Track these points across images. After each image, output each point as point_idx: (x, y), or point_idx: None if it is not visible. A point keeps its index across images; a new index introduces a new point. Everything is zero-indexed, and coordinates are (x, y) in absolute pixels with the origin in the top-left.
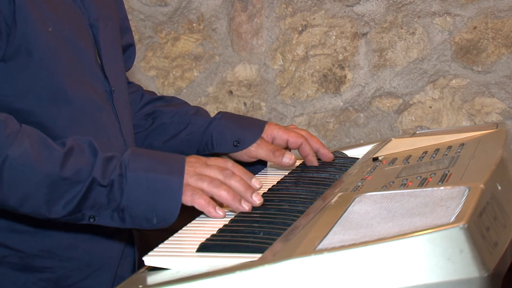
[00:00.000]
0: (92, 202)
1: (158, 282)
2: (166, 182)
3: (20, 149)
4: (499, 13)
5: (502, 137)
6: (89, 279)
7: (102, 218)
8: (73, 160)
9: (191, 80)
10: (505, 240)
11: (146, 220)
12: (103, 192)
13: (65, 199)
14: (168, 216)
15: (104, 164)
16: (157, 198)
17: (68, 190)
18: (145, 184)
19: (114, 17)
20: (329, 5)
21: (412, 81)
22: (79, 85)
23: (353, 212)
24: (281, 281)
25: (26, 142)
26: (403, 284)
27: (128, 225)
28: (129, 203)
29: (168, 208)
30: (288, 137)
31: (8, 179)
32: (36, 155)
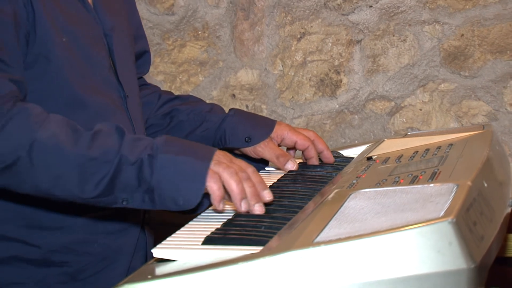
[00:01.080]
0: (124, 183)
1: (165, 272)
2: (193, 165)
3: (48, 133)
4: (485, 22)
5: (488, 138)
6: (104, 272)
7: (135, 201)
8: (100, 141)
9: (196, 84)
10: (491, 234)
11: (173, 201)
12: (133, 173)
13: (95, 179)
14: (193, 198)
15: (131, 144)
16: (184, 179)
17: (97, 170)
18: (173, 166)
19: (126, 26)
20: (325, 14)
21: (403, 85)
22: (94, 91)
23: (348, 208)
24: (281, 272)
25: (54, 126)
26: (396, 275)
27: (158, 206)
28: (158, 184)
29: (193, 190)
30: (297, 139)
31: (38, 162)
32: (64, 138)
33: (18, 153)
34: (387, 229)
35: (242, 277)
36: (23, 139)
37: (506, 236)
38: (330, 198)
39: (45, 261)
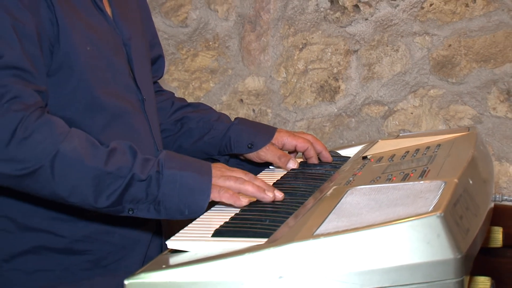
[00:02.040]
0: (132, 196)
1: (178, 262)
2: (197, 180)
3: (70, 146)
4: (471, 33)
5: (473, 139)
6: (123, 260)
7: (140, 211)
8: (115, 158)
9: (207, 90)
10: (475, 227)
11: (179, 212)
12: (142, 187)
13: (108, 191)
14: (198, 209)
15: (143, 163)
16: (190, 193)
17: (111, 183)
18: (179, 181)
19: (142, 35)
20: (325, 26)
21: (396, 91)
22: (114, 96)
23: (345, 203)
24: (284, 262)
25: (76, 140)
26: (389, 264)
27: (163, 216)
28: (164, 197)
29: (198, 202)
30: (296, 143)
31: (59, 172)
32: (84, 152)
33: (41, 161)
34: (381, 222)
35: (248, 266)
36: (47, 149)
37: (489, 228)
38: (329, 194)
39: (69, 249)
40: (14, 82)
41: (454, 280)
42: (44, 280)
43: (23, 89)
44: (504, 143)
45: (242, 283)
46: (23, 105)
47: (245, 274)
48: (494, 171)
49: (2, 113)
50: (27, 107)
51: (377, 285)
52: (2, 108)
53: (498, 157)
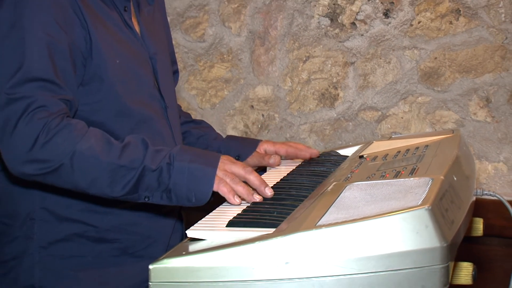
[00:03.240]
0: (146, 185)
1: (197, 249)
2: (203, 171)
3: (87, 145)
4: (454, 47)
5: (457, 140)
6: (148, 248)
7: (154, 198)
8: (128, 151)
9: (222, 98)
10: (459, 219)
11: (187, 199)
12: (154, 177)
13: (123, 181)
14: (203, 197)
15: (153, 154)
16: (196, 182)
17: (125, 174)
18: (187, 172)
19: (166, 50)
20: (326, 41)
21: (388, 98)
22: (140, 103)
23: (344, 197)
24: (290, 249)
25: (92, 139)
26: (383, 251)
27: (174, 203)
28: (174, 186)
29: (203, 191)
30: (274, 148)
31: (78, 168)
32: (99, 149)
33: (62, 160)
34: (376, 214)
35: (258, 253)
36: (66, 149)
37: (471, 220)
38: (329, 189)
39: (100, 238)
40: (41, 93)
41: (441, 266)
42: (77, 265)
43: (48, 99)
44: (483, 144)
45: (253, 268)
46: (47, 113)
47: (255, 260)
48: (475, 169)
49: (28, 121)
50: (50, 115)
51: (372, 270)
52: (28, 116)
53: (479, 156)
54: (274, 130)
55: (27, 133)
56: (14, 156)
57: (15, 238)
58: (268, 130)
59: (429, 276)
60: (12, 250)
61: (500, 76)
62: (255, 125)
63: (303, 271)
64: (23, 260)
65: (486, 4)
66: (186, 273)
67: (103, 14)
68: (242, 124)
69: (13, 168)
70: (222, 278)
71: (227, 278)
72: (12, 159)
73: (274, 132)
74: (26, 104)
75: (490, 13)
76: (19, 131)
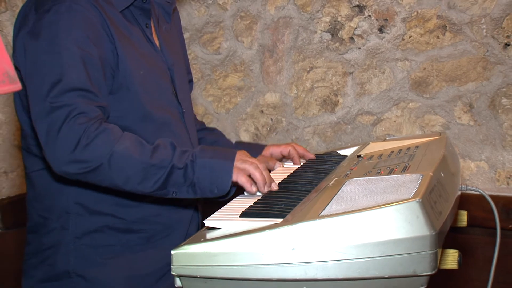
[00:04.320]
0: (173, 181)
1: (213, 237)
2: (222, 164)
3: (122, 146)
4: (441, 59)
5: (443, 142)
6: (169, 236)
7: (181, 193)
8: (158, 152)
9: (235, 104)
10: (446, 210)
11: (210, 191)
12: (180, 174)
13: (154, 178)
14: (224, 187)
15: (180, 155)
16: (217, 175)
17: (156, 172)
18: (208, 166)
19: (182, 62)
20: (327, 53)
21: (382, 104)
22: (161, 109)
23: (344, 191)
24: (296, 237)
25: (127, 142)
26: (378, 239)
27: (198, 195)
28: (198, 180)
29: (224, 182)
30: (280, 150)
31: (115, 167)
32: (133, 150)
33: (101, 160)
34: (372, 206)
35: (267, 240)
36: (105, 151)
37: (457, 212)
38: (331, 184)
39: (128, 229)
40: (80, 101)
41: (430, 252)
42: (107, 253)
43: (86, 106)
44: (467, 145)
45: (263, 254)
46: (86, 119)
47: (265, 246)
48: (460, 166)
49: (70, 126)
50: (89, 120)
51: (369, 255)
52: (70, 122)
53: (463, 155)
54: (281, 132)
55: (69, 137)
56: (58, 158)
57: (52, 230)
58: (276, 132)
59: (419, 261)
60: (50, 240)
61: (481, 84)
62: (265, 128)
63: (307, 256)
64: (59, 249)
65: (469, 21)
66: (203, 257)
67: (127, 31)
68: (253, 127)
69: (57, 168)
70: (236, 262)
71: (240, 262)
72: (56, 160)
73: (281, 134)
74: (68, 111)
75: (473, 29)
76: (62, 135)
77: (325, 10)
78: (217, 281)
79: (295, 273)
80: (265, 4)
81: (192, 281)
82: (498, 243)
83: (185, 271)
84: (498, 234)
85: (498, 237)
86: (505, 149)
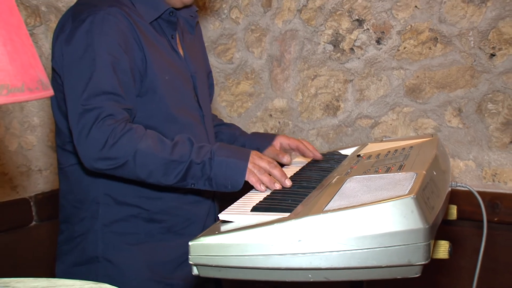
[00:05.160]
0: (192, 174)
1: (227, 229)
2: (237, 164)
3: (145, 144)
4: (432, 68)
5: (435, 143)
6: (188, 227)
7: (199, 185)
8: (178, 148)
9: (247, 108)
10: (438, 205)
11: (224, 186)
12: (198, 168)
13: (174, 172)
14: (237, 184)
15: (198, 150)
16: (231, 173)
17: (176, 167)
18: (224, 165)
19: (204, 69)
20: (330, 63)
21: (380, 109)
22: (183, 112)
23: (345, 188)
24: (302, 229)
25: (149, 140)
26: (377, 232)
27: (214, 189)
28: (215, 176)
29: (237, 180)
30: (289, 142)
31: (139, 163)
32: (155, 147)
33: (127, 158)
34: (371, 202)
35: (276, 233)
36: (130, 149)
37: (448, 206)
38: (333, 181)
39: (151, 219)
40: (109, 103)
41: (424, 243)
42: (132, 240)
43: (114, 108)
44: (456, 146)
45: (272, 245)
46: (114, 120)
47: (274, 238)
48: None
49: (99, 127)
50: (116, 122)
51: (368, 247)
52: (99, 123)
53: (452, 155)
54: (288, 134)
55: (99, 136)
56: (88, 155)
57: (83, 219)
58: (283, 134)
59: (414, 251)
60: (81, 228)
61: (469, 91)
62: (273, 130)
63: (312, 247)
64: (89, 236)
65: (458, 33)
66: (218, 248)
67: (155, 40)
68: (263, 130)
69: (88, 165)
70: (247, 253)
71: (251, 252)
72: (87, 157)
73: (288, 135)
74: (98, 113)
75: (462, 40)
76: (92, 135)
77: (327, 24)
78: (230, 270)
79: (301, 263)
80: (273, 18)
81: (208, 270)
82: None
83: (201, 260)
84: (485, 226)
85: (485, 229)
86: (491, 149)
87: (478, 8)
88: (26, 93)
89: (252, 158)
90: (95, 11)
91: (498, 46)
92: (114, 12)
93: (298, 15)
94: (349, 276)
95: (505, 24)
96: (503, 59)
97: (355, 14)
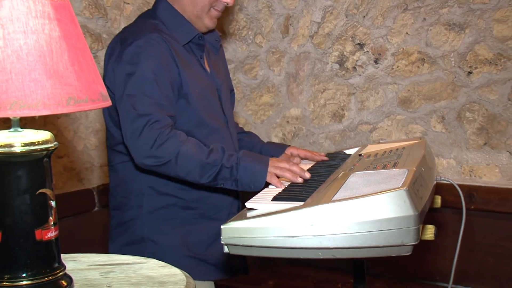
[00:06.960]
0: (222, 176)
1: (252, 215)
2: (259, 168)
3: (187, 148)
4: (421, 83)
5: (423, 144)
6: (218, 214)
7: (227, 185)
8: (212, 154)
9: (268, 116)
10: (426, 196)
11: (248, 187)
12: (227, 172)
13: (208, 173)
14: (259, 185)
15: (228, 157)
16: (254, 176)
17: (209, 169)
18: (249, 169)
19: (227, 83)
20: (336, 79)
21: (377, 116)
22: (211, 118)
23: (349, 181)
24: (314, 216)
25: (190, 144)
26: (375, 217)
27: (239, 188)
28: (240, 178)
29: (259, 181)
30: (298, 152)
31: (180, 163)
32: (194, 151)
33: (170, 158)
34: (371, 193)
35: (292, 218)
36: (173, 150)
37: (433, 197)
38: (339, 176)
39: (187, 206)
40: (156, 111)
41: (414, 227)
42: (171, 224)
43: (161, 115)
44: (440, 147)
45: (289, 228)
46: (161, 125)
47: (290, 222)
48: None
49: (149, 130)
50: (163, 126)
51: (368, 230)
52: (149, 127)
53: (437, 155)
54: (302, 137)
55: (149, 138)
56: (139, 153)
57: (131, 207)
58: (298, 137)
59: (406, 234)
60: (129, 215)
61: (451, 102)
62: (290, 134)
63: (322, 230)
64: (137, 221)
65: (442, 55)
66: (245, 231)
67: (188, 59)
68: (281, 133)
69: (138, 161)
70: (269, 235)
71: (272, 234)
72: (138, 155)
73: (302, 138)
74: (148, 119)
75: (445, 61)
76: (143, 137)
77: (334, 47)
78: (255, 248)
79: (313, 243)
80: (290, 43)
81: (236, 248)
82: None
83: (231, 240)
84: (464, 213)
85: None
86: (468, 150)
87: (458, 35)
88: (89, 104)
89: (272, 162)
90: (139, 37)
91: (475, 65)
92: (155, 37)
93: (310, 40)
94: (352, 254)
95: (480, 48)
96: (479, 76)
97: (357, 39)
